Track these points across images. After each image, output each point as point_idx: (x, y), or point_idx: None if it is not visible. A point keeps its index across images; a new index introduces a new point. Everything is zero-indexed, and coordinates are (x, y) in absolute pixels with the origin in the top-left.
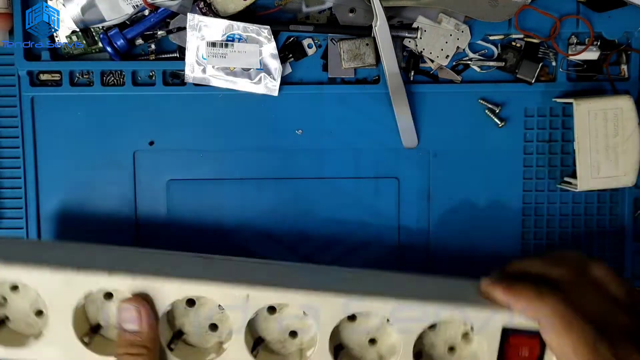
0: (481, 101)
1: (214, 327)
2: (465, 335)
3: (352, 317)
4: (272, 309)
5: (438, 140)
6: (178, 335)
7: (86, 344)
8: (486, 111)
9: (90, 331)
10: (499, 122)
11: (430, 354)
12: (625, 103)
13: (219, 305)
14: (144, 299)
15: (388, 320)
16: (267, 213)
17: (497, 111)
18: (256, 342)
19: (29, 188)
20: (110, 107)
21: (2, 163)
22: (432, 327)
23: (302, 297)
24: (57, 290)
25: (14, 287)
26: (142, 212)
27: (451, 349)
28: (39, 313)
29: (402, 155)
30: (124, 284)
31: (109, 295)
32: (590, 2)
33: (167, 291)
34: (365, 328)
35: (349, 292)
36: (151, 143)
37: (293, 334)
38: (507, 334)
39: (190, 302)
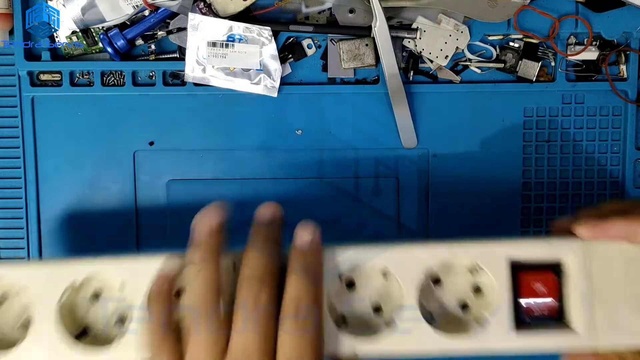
0: None
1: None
2: (477, 290)
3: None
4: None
5: (437, 140)
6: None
7: (74, 343)
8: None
9: (79, 334)
10: None
11: (442, 314)
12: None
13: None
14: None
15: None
16: None
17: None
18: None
19: (29, 188)
20: (111, 107)
21: (2, 163)
22: (438, 282)
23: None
24: (41, 285)
25: (4, 296)
26: (142, 213)
27: (463, 305)
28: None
29: (402, 155)
30: (108, 268)
31: (96, 297)
32: (589, 2)
33: None
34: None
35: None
36: (151, 143)
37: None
38: (516, 271)
39: None
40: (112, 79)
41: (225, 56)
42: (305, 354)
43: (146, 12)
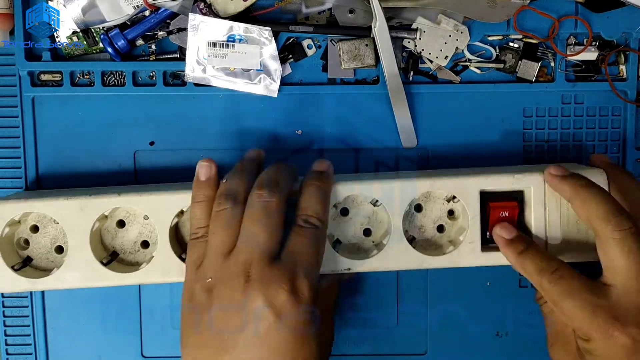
0: None
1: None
2: (451, 213)
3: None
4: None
5: (437, 140)
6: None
7: (105, 265)
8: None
9: (108, 257)
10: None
11: (422, 237)
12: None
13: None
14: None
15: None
16: None
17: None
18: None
19: (30, 188)
20: (111, 107)
21: (3, 163)
22: (419, 209)
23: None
24: (73, 216)
25: (34, 229)
26: None
27: (440, 229)
28: (59, 250)
29: (402, 155)
30: (132, 201)
31: (121, 224)
32: (588, 2)
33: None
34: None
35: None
36: (151, 143)
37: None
38: (486, 199)
39: None
40: (113, 79)
41: (226, 56)
42: (307, 251)
43: (147, 13)
